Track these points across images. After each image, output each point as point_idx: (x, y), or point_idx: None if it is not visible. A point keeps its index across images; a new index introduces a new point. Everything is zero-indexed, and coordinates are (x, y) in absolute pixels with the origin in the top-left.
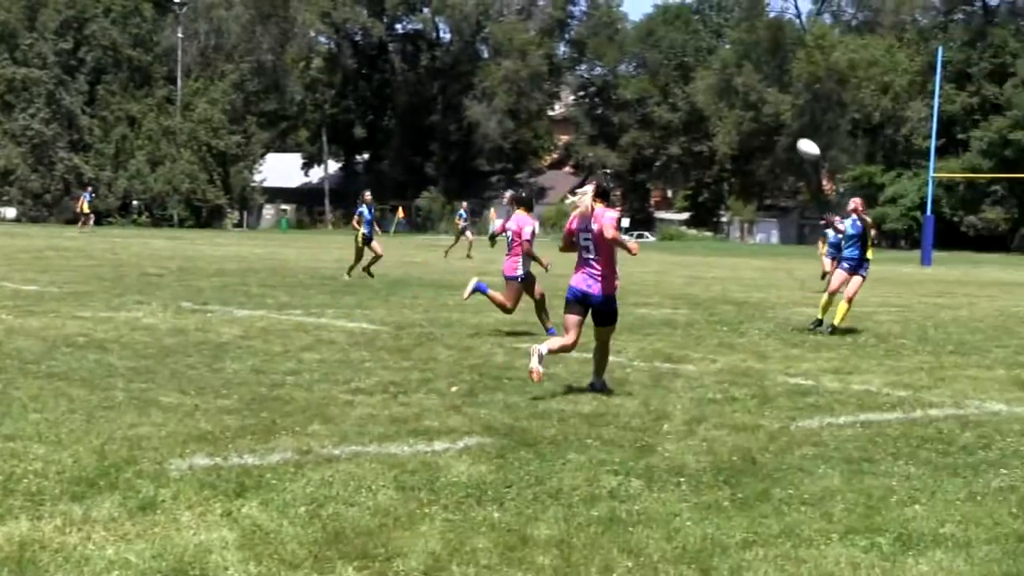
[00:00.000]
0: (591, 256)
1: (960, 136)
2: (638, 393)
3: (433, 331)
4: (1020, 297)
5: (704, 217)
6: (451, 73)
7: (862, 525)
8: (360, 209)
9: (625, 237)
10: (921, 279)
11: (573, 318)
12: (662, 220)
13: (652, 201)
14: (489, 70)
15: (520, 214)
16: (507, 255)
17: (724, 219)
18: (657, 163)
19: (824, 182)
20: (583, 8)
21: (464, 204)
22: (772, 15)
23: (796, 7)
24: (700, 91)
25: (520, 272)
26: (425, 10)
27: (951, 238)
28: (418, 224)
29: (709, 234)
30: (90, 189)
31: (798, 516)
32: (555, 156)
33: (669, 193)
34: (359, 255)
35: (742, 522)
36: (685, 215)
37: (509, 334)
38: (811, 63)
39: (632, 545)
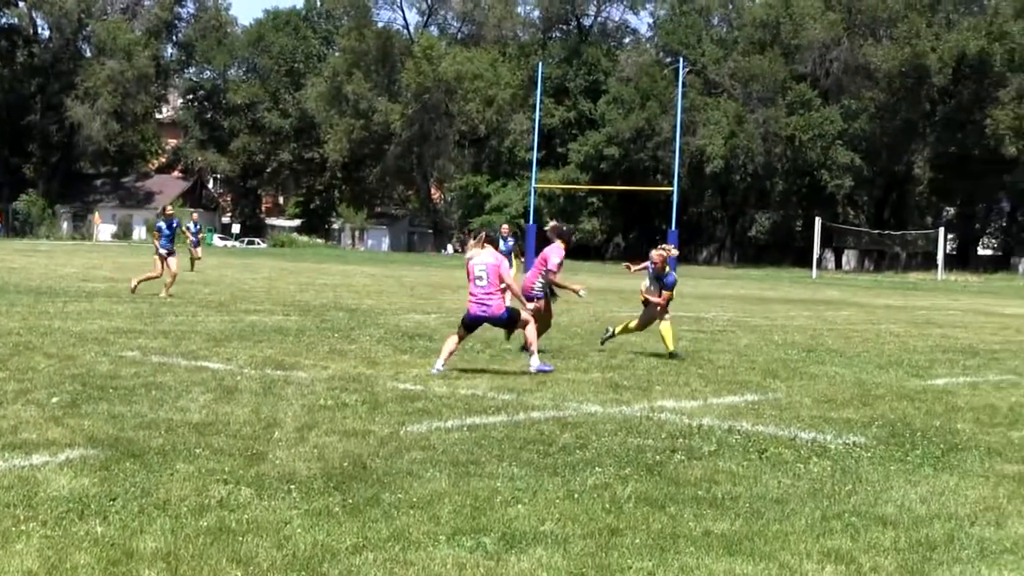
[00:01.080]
0: (483, 284)
1: (560, 149)
2: (249, 401)
3: (31, 339)
4: (613, 303)
5: (316, 224)
6: (51, 71)
7: (468, 526)
8: (159, 224)
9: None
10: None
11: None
12: (273, 226)
13: (263, 207)
14: (92, 70)
15: (556, 245)
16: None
17: (335, 226)
18: (268, 169)
19: (433, 190)
20: (191, 10)
21: (195, 215)
22: (380, 25)
23: (404, 18)
24: (311, 98)
25: (537, 290)
26: (21, 4)
27: None
28: (16, 228)
29: (320, 241)
30: None
31: (407, 519)
32: (163, 160)
33: (280, 199)
34: (163, 271)
35: (352, 527)
36: (297, 221)
37: (114, 343)
38: (419, 74)
39: (242, 554)
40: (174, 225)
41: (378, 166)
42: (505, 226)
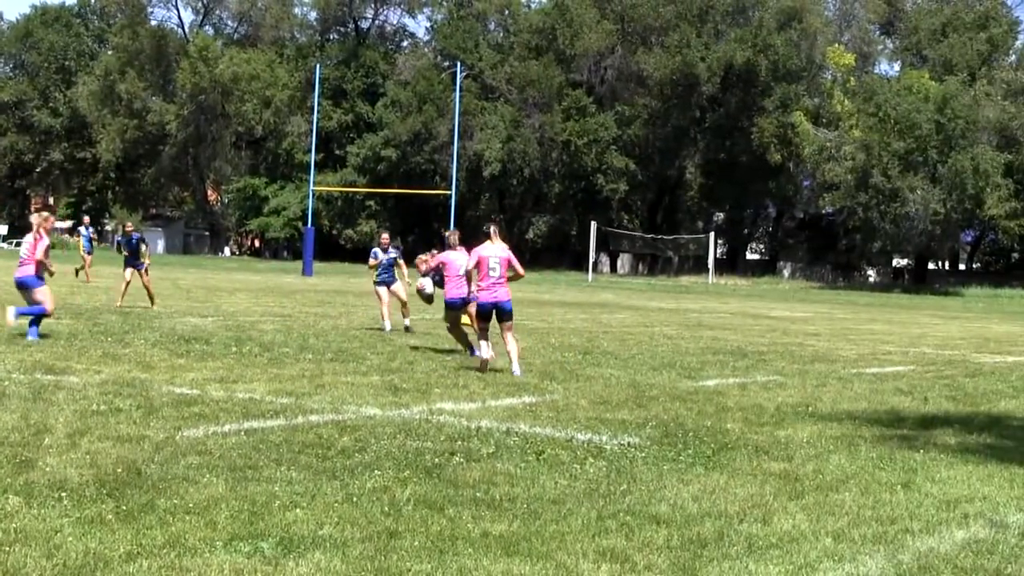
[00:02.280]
0: (496, 274)
1: (338, 152)
2: (17, 407)
3: None
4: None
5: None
6: None
7: (246, 531)
8: (118, 239)
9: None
10: (303, 289)
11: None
12: None
13: (32, 208)
14: None
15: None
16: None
17: (109, 227)
18: (38, 169)
19: (209, 192)
20: None
21: (86, 219)
22: (155, 23)
23: (179, 17)
24: (83, 96)
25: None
26: None
27: (330, 250)
28: None
29: None
30: None
31: (183, 525)
32: None
33: (51, 200)
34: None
35: (126, 535)
36: (68, 223)
37: None
38: (195, 74)
39: (9, 565)
40: (134, 240)
41: (153, 167)
42: (385, 236)
